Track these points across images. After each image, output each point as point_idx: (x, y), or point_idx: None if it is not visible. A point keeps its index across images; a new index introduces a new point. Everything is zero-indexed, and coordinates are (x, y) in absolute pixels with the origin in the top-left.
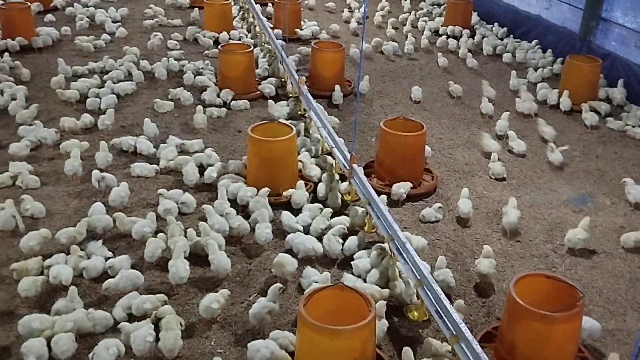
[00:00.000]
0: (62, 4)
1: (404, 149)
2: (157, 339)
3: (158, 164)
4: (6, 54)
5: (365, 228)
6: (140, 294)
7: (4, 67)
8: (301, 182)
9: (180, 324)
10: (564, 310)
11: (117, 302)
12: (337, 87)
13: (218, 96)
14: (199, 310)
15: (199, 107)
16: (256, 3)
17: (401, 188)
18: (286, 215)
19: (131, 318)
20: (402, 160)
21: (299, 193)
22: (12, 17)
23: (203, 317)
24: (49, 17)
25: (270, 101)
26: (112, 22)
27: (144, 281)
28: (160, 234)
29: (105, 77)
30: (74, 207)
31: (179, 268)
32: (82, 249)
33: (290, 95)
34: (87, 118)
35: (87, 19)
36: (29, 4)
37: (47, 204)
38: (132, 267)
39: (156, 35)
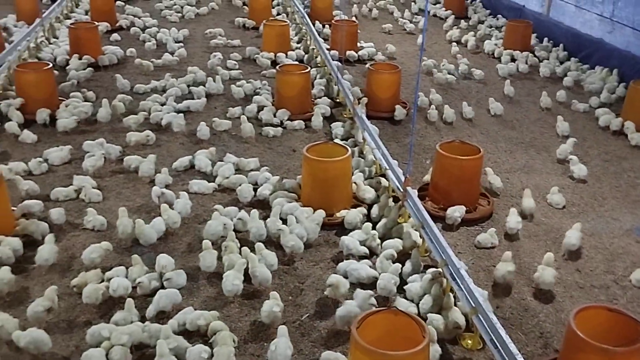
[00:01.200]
0: (127, 24)
1: (460, 173)
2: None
3: (214, 181)
4: (73, 71)
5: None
6: (195, 309)
7: (73, 83)
8: (362, 208)
9: (234, 341)
10: (626, 345)
11: (172, 317)
12: (398, 106)
13: (274, 116)
14: (261, 318)
15: (244, 117)
16: (313, 24)
17: (456, 212)
18: (349, 240)
19: (185, 333)
20: (457, 183)
21: (352, 214)
22: (80, 36)
23: (266, 323)
24: (115, 36)
25: (316, 109)
26: (174, 42)
27: (182, 299)
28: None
29: (165, 95)
30: (134, 222)
31: (228, 279)
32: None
33: (345, 116)
34: (149, 134)
35: (154, 40)
36: (96, 23)
37: (109, 218)
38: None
39: (216, 55)
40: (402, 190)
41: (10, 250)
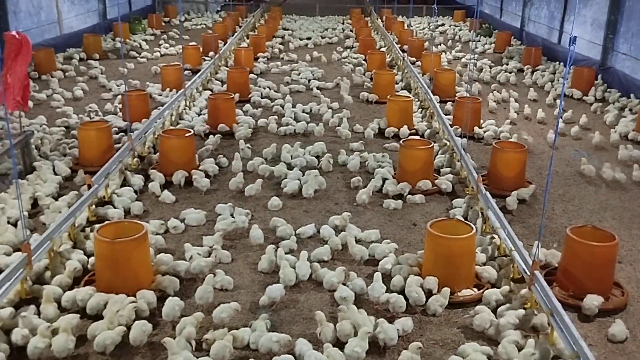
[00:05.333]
0: (260, 96)
1: (592, 260)
2: None
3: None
4: (211, 137)
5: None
6: None
7: (208, 149)
8: (494, 290)
9: None
10: None
11: None
12: (515, 193)
13: (396, 189)
14: None
15: (358, 179)
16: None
17: (594, 301)
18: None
19: None
20: (589, 271)
21: (488, 293)
22: (218, 106)
23: None
24: (247, 107)
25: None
26: (302, 112)
27: None
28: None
29: (292, 162)
30: (259, 284)
31: (351, 344)
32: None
33: (468, 193)
34: (276, 201)
35: (283, 111)
36: (233, 95)
37: (236, 279)
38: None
39: (339, 128)
40: (529, 273)
41: (145, 303)
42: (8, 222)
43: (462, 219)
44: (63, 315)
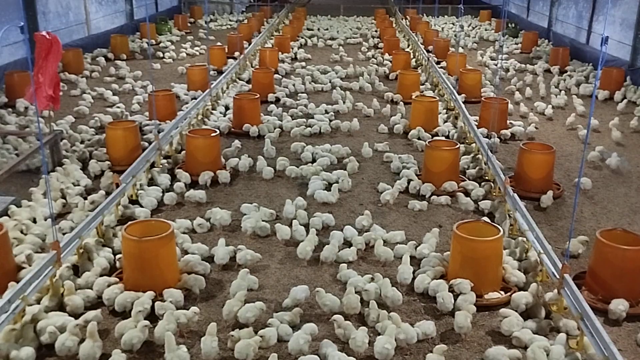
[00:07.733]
0: (284, 98)
1: (623, 264)
2: None
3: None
4: (237, 140)
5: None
6: None
7: (236, 148)
8: (524, 294)
9: None
10: None
11: None
12: (550, 192)
13: (419, 190)
14: None
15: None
16: (464, 102)
17: (620, 305)
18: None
19: None
20: (619, 275)
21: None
22: (243, 106)
23: None
24: (272, 107)
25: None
26: (325, 113)
27: None
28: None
29: (315, 164)
30: (284, 284)
31: (380, 342)
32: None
33: (495, 194)
34: (301, 201)
35: (307, 111)
36: (258, 95)
37: (261, 279)
38: None
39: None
40: (558, 277)
41: (172, 304)
42: (35, 221)
43: (489, 221)
44: (88, 311)
